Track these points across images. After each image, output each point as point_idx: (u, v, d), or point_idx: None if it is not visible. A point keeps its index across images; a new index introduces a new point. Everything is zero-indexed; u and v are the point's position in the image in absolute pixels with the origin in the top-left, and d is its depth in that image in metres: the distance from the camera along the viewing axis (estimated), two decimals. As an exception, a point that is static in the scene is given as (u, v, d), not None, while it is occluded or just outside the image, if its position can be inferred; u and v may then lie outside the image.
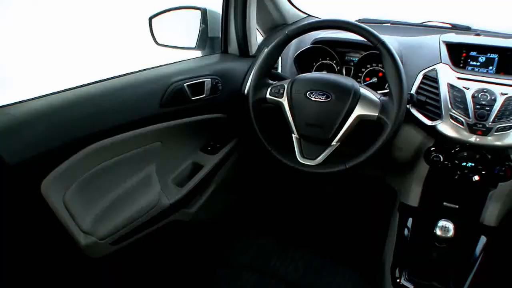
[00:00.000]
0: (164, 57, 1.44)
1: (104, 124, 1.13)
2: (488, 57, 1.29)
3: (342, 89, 1.11)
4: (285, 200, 2.00)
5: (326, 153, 1.12)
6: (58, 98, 1.07)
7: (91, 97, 1.12)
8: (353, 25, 1.12)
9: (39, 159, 1.00)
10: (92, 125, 1.11)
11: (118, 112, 1.16)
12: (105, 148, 1.16)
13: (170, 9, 1.54)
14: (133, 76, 1.25)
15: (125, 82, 1.22)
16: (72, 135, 1.06)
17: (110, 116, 1.15)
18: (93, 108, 1.10)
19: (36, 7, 4.22)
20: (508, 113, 1.14)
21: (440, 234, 1.20)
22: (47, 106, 1.03)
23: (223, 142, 1.53)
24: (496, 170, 1.20)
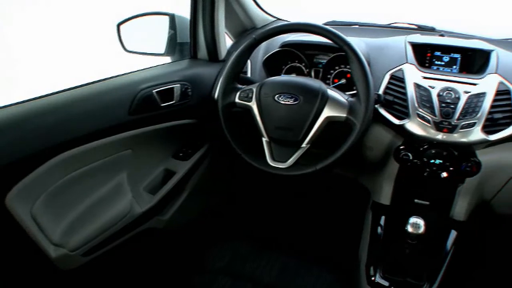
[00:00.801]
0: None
1: (72, 133, 1.11)
2: (452, 56, 1.33)
3: (310, 91, 1.12)
4: (258, 203, 2.00)
5: (296, 156, 1.13)
6: (22, 108, 1.04)
7: (58, 106, 1.10)
8: (320, 28, 1.13)
9: (3, 171, 0.97)
10: (59, 134, 1.08)
11: (86, 121, 1.14)
12: (74, 158, 1.13)
13: (138, 15, 1.53)
14: (101, 84, 1.23)
15: (92, 90, 1.20)
16: (39, 145, 1.04)
17: (78, 125, 1.13)
18: (60, 118, 1.08)
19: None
20: (471, 110, 1.17)
21: (411, 231, 1.21)
22: (11, 116, 1.01)
23: (195, 148, 1.52)
24: (463, 166, 1.23)
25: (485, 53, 1.29)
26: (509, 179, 1.29)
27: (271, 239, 1.70)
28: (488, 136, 1.17)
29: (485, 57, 1.29)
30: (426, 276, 1.28)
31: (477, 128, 1.17)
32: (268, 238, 1.70)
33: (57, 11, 4.17)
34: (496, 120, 1.17)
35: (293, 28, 1.18)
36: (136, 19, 1.52)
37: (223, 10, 1.49)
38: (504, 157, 1.25)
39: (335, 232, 1.77)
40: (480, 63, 1.30)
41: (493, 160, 1.25)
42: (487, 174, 1.26)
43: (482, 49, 1.31)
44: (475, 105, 1.18)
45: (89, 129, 1.15)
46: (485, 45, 1.33)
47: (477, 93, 1.19)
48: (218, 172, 1.71)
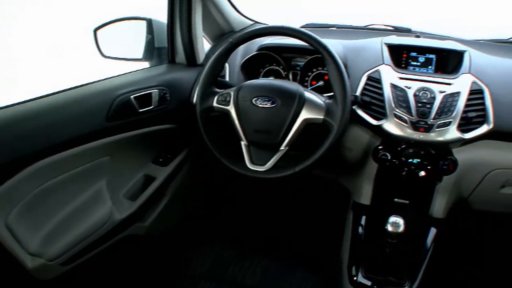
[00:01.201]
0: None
1: (48, 141, 1.10)
2: (427, 57, 1.35)
3: (287, 94, 1.12)
4: (240, 207, 2.00)
5: (275, 158, 1.13)
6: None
7: (33, 113, 1.08)
8: (296, 31, 1.14)
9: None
10: (36, 142, 1.07)
11: (63, 128, 1.13)
12: (51, 166, 1.12)
13: (115, 20, 1.51)
14: (77, 91, 1.22)
15: (69, 97, 1.19)
16: (14, 154, 1.02)
17: (55, 132, 1.11)
18: (36, 125, 1.07)
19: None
20: (447, 110, 1.20)
21: (391, 230, 1.22)
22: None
23: (174, 153, 1.51)
24: (440, 165, 1.25)
25: (458, 54, 1.32)
26: (484, 176, 1.31)
27: (253, 242, 1.70)
28: (463, 135, 1.19)
29: (458, 58, 1.32)
30: (407, 274, 1.30)
31: (453, 127, 1.19)
32: (250, 242, 1.70)
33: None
34: (470, 119, 1.20)
35: (269, 31, 1.18)
36: (113, 24, 1.51)
37: (200, 14, 1.49)
38: (479, 155, 1.27)
39: (317, 233, 1.78)
40: (454, 63, 1.32)
41: (468, 158, 1.27)
42: (463, 171, 1.29)
43: (455, 49, 1.34)
44: (450, 104, 1.20)
45: (66, 136, 1.14)
46: (458, 45, 1.36)
47: (452, 93, 1.21)
48: (198, 176, 1.70)
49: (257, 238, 1.79)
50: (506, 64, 1.36)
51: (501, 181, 1.32)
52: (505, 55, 1.42)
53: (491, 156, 1.28)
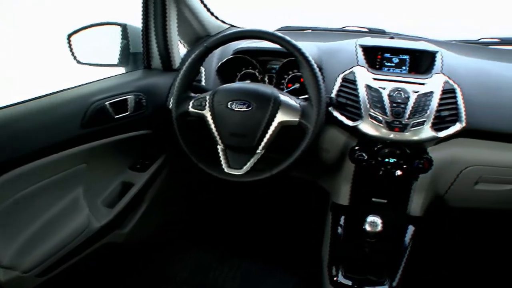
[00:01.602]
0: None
1: (22, 149, 1.08)
2: (401, 58, 1.37)
3: (262, 97, 1.13)
4: (219, 211, 2.00)
5: (252, 162, 1.13)
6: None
7: (6, 121, 1.06)
8: (270, 34, 1.15)
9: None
10: (8, 151, 1.05)
11: (37, 136, 1.11)
12: (25, 175, 1.10)
13: (89, 26, 1.49)
14: (51, 98, 1.20)
15: (42, 104, 1.17)
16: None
17: (28, 140, 1.09)
18: (9, 133, 1.05)
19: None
20: (421, 109, 1.22)
21: (369, 230, 1.23)
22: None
23: (152, 159, 1.51)
24: (416, 164, 1.27)
25: (431, 54, 1.35)
26: (459, 173, 1.34)
27: (233, 246, 1.70)
28: (437, 133, 1.22)
29: (431, 58, 1.34)
30: (386, 272, 1.31)
31: (427, 126, 1.21)
32: (230, 246, 1.70)
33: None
34: (443, 118, 1.22)
35: (244, 35, 1.19)
36: (87, 29, 1.49)
37: (175, 19, 1.48)
38: (453, 153, 1.30)
39: (297, 235, 1.79)
40: (427, 63, 1.35)
41: (443, 156, 1.29)
42: (438, 169, 1.31)
43: (428, 50, 1.36)
44: (423, 104, 1.22)
45: (40, 144, 1.12)
46: (430, 46, 1.38)
47: (425, 92, 1.24)
48: (177, 181, 1.69)
49: (237, 241, 1.79)
50: (476, 64, 1.39)
51: (475, 178, 1.35)
52: (475, 55, 1.46)
53: (464, 154, 1.31)
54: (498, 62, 1.42)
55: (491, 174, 1.33)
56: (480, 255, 1.78)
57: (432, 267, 1.67)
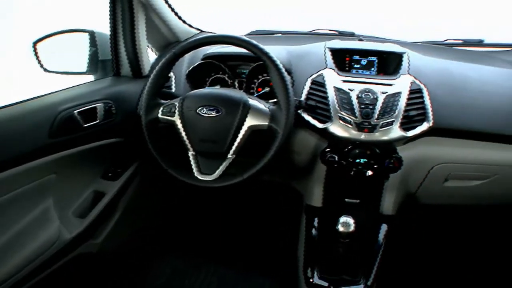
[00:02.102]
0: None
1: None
2: (369, 60, 1.40)
3: (232, 102, 1.13)
4: (193, 217, 1.99)
5: (223, 167, 1.13)
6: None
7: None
8: (238, 39, 1.15)
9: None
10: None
11: (2, 147, 1.08)
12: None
13: (55, 33, 1.46)
14: (16, 108, 1.17)
15: (7, 114, 1.14)
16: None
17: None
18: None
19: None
20: (389, 109, 1.24)
21: (342, 230, 1.24)
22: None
23: (124, 167, 1.49)
24: (386, 163, 1.29)
25: (398, 56, 1.38)
26: (428, 171, 1.37)
27: (209, 252, 1.69)
28: (406, 133, 1.24)
29: (398, 59, 1.37)
30: (361, 271, 1.33)
31: (395, 126, 1.23)
32: (206, 252, 1.69)
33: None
34: (411, 117, 1.25)
35: (211, 40, 1.19)
36: (53, 37, 1.46)
37: (143, 25, 1.47)
38: (422, 151, 1.33)
39: (273, 238, 1.79)
40: (394, 65, 1.37)
41: (412, 155, 1.32)
42: (408, 168, 1.34)
43: (395, 52, 1.39)
44: (392, 104, 1.24)
45: (6, 155, 1.09)
46: (397, 48, 1.41)
47: (393, 93, 1.26)
48: (150, 189, 1.68)
49: (213, 246, 1.79)
50: (441, 64, 1.42)
51: (444, 175, 1.38)
52: (440, 56, 1.50)
53: (433, 152, 1.34)
54: (461, 62, 1.46)
55: (459, 171, 1.37)
56: (452, 250, 1.82)
57: (406, 264, 1.70)
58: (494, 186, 1.39)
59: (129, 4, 1.40)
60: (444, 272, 1.72)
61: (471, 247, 1.84)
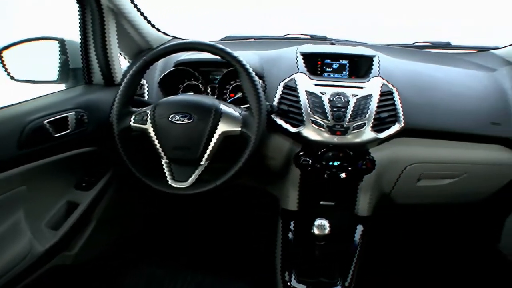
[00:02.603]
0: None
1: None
2: (340, 63, 1.42)
3: (203, 108, 1.13)
4: (170, 225, 1.97)
5: (196, 174, 1.13)
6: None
7: None
8: (208, 45, 1.15)
9: None
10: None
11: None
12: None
13: (23, 41, 1.42)
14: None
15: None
16: None
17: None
18: None
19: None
20: (360, 112, 1.26)
21: (317, 233, 1.25)
22: None
23: (98, 176, 1.47)
24: (359, 165, 1.31)
25: (368, 59, 1.40)
26: (402, 171, 1.39)
27: (186, 259, 1.68)
28: (378, 135, 1.26)
29: (369, 62, 1.39)
30: (338, 273, 1.34)
31: (367, 128, 1.25)
32: (183, 259, 1.68)
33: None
34: (383, 119, 1.27)
35: (182, 47, 1.18)
36: (21, 44, 1.42)
37: (114, 32, 1.45)
38: (395, 152, 1.35)
39: (250, 243, 1.79)
40: (365, 68, 1.39)
41: (385, 156, 1.34)
42: (382, 169, 1.36)
43: (365, 55, 1.41)
44: (363, 106, 1.26)
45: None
46: (368, 51, 1.44)
47: (364, 96, 1.28)
48: (125, 197, 1.66)
49: (190, 253, 1.78)
50: (411, 66, 1.45)
51: (417, 175, 1.41)
52: (409, 58, 1.53)
53: (405, 152, 1.36)
54: (430, 64, 1.50)
55: (431, 170, 1.40)
56: (428, 249, 1.86)
57: (384, 264, 1.72)
58: (464, 184, 1.43)
59: (99, 12, 1.38)
60: (420, 271, 1.75)
61: (447, 245, 1.88)
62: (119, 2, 1.41)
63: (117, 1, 1.40)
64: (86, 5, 1.39)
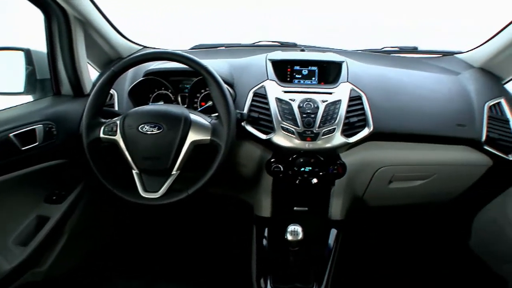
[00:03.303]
0: None
1: None
2: (310, 69, 1.43)
3: (173, 118, 1.12)
4: (145, 236, 1.95)
5: (168, 184, 1.12)
6: None
7: None
8: (175, 54, 1.15)
9: None
10: None
11: None
12: None
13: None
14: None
15: None
16: None
17: None
18: None
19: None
20: (330, 117, 1.28)
21: (291, 239, 1.26)
22: None
23: (69, 189, 1.44)
24: (331, 170, 1.33)
25: (337, 65, 1.42)
26: (373, 175, 1.42)
27: (162, 269, 1.66)
28: (348, 139, 1.28)
29: (338, 68, 1.41)
30: (314, 278, 1.35)
31: (337, 133, 1.27)
32: (158, 269, 1.66)
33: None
34: (352, 124, 1.29)
35: (150, 57, 1.17)
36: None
37: (82, 42, 1.43)
38: (365, 156, 1.37)
39: (226, 251, 1.79)
40: (334, 73, 1.41)
41: (356, 160, 1.36)
42: (353, 173, 1.38)
43: (334, 61, 1.43)
44: (332, 112, 1.28)
45: None
46: (337, 57, 1.46)
47: (333, 101, 1.30)
48: (98, 209, 1.63)
49: (166, 263, 1.76)
50: (379, 71, 1.48)
51: (388, 177, 1.44)
52: (378, 63, 1.56)
53: (375, 156, 1.39)
54: (398, 68, 1.53)
55: (402, 172, 1.43)
56: (403, 249, 1.89)
57: (359, 267, 1.74)
58: (434, 185, 1.46)
59: (65, 22, 1.36)
60: (395, 272, 1.77)
61: (420, 245, 1.91)
62: (86, 12, 1.39)
63: (84, 11, 1.38)
64: (51, 15, 1.36)
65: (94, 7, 1.43)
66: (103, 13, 1.50)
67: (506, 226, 1.46)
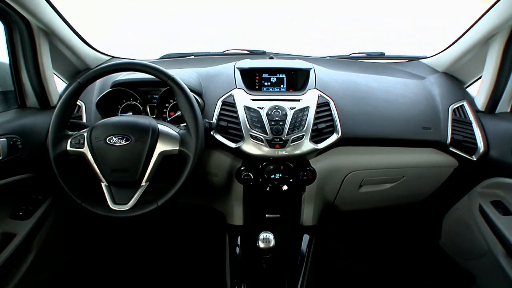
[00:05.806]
0: None
1: None
2: (278, 77, 1.44)
3: (140, 129, 1.11)
4: (118, 248, 1.92)
5: (137, 195, 1.10)
6: None
7: None
8: (141, 65, 1.13)
9: None
10: None
11: None
12: None
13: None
14: None
15: None
16: None
17: None
18: None
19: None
20: (298, 124, 1.29)
21: (263, 246, 1.26)
22: None
23: (36, 204, 1.40)
24: (301, 176, 1.34)
25: (305, 72, 1.44)
26: (343, 180, 1.44)
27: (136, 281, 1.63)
28: (316, 145, 1.30)
29: (305, 75, 1.43)
30: (288, 283, 1.35)
31: (306, 139, 1.28)
32: (132, 282, 1.63)
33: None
34: (321, 130, 1.30)
35: (115, 68, 1.15)
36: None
37: (48, 53, 1.40)
38: (335, 161, 1.39)
39: (200, 261, 1.78)
40: (302, 80, 1.43)
41: (325, 166, 1.38)
42: (323, 179, 1.40)
43: (302, 68, 1.45)
44: (300, 119, 1.29)
45: None
46: (304, 64, 1.47)
47: (301, 108, 1.31)
48: (68, 223, 1.59)
49: (140, 274, 1.74)
50: (347, 77, 1.51)
51: (358, 182, 1.46)
52: (346, 69, 1.59)
53: (345, 161, 1.41)
54: (366, 74, 1.56)
55: (371, 176, 1.45)
56: (377, 251, 1.92)
57: (333, 271, 1.75)
58: (404, 187, 1.50)
59: (28, 32, 1.33)
60: (369, 273, 1.79)
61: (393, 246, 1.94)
62: (50, 22, 1.36)
63: (48, 22, 1.35)
64: (12, 25, 1.33)
65: (59, 17, 1.40)
66: (69, 24, 1.47)
67: (472, 225, 1.50)
